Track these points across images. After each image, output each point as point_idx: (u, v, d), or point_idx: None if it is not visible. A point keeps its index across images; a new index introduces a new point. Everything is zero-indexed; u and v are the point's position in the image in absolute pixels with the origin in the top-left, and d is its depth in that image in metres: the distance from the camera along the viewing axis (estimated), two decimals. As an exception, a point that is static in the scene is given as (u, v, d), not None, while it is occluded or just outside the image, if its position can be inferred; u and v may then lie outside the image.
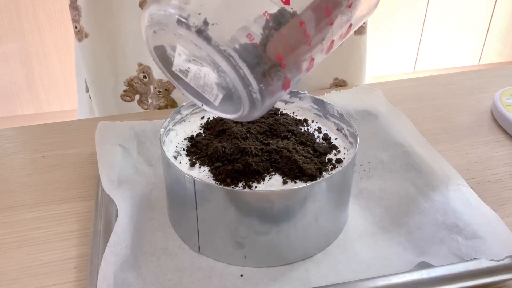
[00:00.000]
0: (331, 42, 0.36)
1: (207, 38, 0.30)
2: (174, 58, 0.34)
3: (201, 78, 0.34)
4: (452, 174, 0.49)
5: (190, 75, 0.35)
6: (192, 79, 0.35)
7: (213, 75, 0.33)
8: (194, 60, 0.33)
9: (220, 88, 0.33)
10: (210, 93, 0.35)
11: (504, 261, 0.40)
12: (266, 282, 0.41)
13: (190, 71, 0.34)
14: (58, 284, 0.41)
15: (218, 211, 0.40)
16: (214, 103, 0.35)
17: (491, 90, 0.70)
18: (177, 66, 0.35)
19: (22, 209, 0.49)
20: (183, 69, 0.34)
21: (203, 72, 0.33)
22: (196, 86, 0.35)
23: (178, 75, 0.36)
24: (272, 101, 0.34)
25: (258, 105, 0.33)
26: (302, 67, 0.34)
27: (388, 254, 0.43)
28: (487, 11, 2.37)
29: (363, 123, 0.58)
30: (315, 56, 0.35)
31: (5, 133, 0.62)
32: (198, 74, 0.34)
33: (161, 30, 0.32)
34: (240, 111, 0.34)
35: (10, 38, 1.91)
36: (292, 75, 0.34)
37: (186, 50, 0.32)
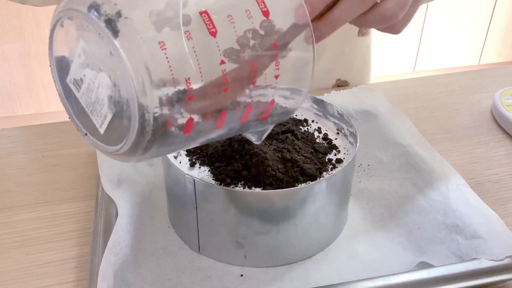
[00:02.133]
0: (248, 106, 0.32)
1: (115, 31, 0.26)
2: (72, 64, 0.30)
3: (94, 90, 0.30)
4: (452, 174, 0.49)
5: (83, 88, 0.30)
6: (84, 93, 0.30)
7: (108, 84, 0.28)
8: (93, 63, 0.29)
9: (111, 104, 0.29)
10: (98, 113, 0.30)
11: (504, 261, 0.40)
12: (266, 282, 0.41)
13: (84, 81, 0.30)
14: (58, 284, 0.41)
15: (218, 211, 0.40)
16: (99, 130, 0.31)
17: (491, 90, 0.70)
18: (72, 75, 0.31)
19: (22, 209, 0.49)
20: (77, 79, 0.30)
21: (98, 81, 0.29)
22: (86, 104, 0.31)
23: (71, 89, 0.31)
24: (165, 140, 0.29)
25: (147, 132, 0.28)
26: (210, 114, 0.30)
27: (388, 254, 0.43)
28: (487, 11, 2.37)
29: (363, 123, 0.58)
30: (227, 111, 0.31)
31: (5, 133, 0.62)
32: (92, 85, 0.30)
33: (69, 21, 0.29)
34: (124, 140, 0.29)
35: (10, 38, 1.90)
36: (196, 117, 0.30)
37: (88, 47, 0.29)
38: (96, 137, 0.32)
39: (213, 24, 0.29)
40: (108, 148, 0.31)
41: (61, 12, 0.29)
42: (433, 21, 2.31)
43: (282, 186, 0.40)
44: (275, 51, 0.32)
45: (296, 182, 0.41)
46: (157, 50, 0.27)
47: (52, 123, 0.63)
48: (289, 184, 0.40)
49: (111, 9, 0.27)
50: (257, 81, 0.31)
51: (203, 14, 0.29)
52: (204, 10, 0.29)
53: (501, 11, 2.39)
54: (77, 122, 0.33)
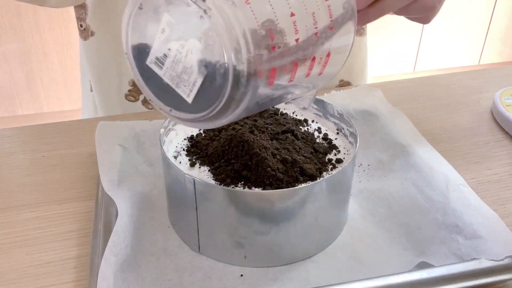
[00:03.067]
0: (313, 59, 0.35)
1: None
2: (154, 43, 0.33)
3: (181, 60, 0.32)
4: (452, 174, 0.49)
5: (167, 63, 0.33)
6: (169, 68, 0.33)
7: (198, 48, 0.31)
8: (179, 34, 0.31)
9: (201, 68, 0.31)
10: (186, 83, 0.32)
11: (504, 261, 0.40)
12: (266, 282, 0.41)
13: (169, 55, 0.32)
14: (58, 284, 0.41)
15: (218, 211, 0.40)
16: (187, 100, 0.33)
17: (491, 90, 0.70)
18: (154, 54, 0.33)
19: (22, 209, 0.49)
20: (160, 56, 0.33)
21: (186, 50, 0.31)
22: (170, 78, 0.33)
23: (150, 72, 0.34)
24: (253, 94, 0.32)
25: (242, 84, 0.30)
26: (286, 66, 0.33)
27: (388, 254, 0.43)
28: (487, 11, 2.38)
29: (363, 123, 0.58)
30: (298, 61, 0.34)
31: (5, 133, 0.62)
32: (179, 56, 0.32)
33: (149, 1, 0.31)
34: (219, 99, 0.31)
35: (10, 38, 1.91)
36: (278, 65, 0.32)
37: (173, 19, 0.31)
38: (181, 110, 0.34)
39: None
40: (197, 115, 0.33)
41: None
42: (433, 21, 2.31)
43: (282, 186, 0.40)
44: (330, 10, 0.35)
45: (296, 182, 0.41)
46: (243, 5, 0.29)
47: (52, 123, 0.63)
48: (289, 184, 0.40)
49: None
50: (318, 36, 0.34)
51: None
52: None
53: (501, 11, 2.39)
54: (158, 102, 0.35)
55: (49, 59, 1.98)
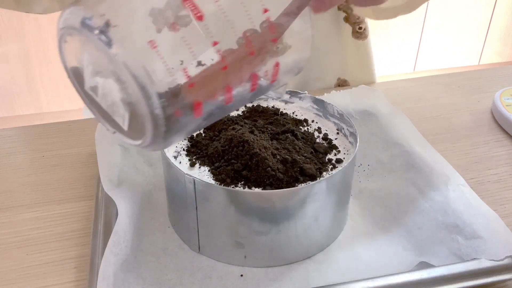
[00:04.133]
0: (253, 75, 0.33)
1: (107, 41, 0.28)
2: (84, 73, 0.32)
3: (108, 95, 0.31)
4: (452, 174, 0.49)
5: (99, 93, 0.32)
6: (101, 98, 0.32)
7: (116, 88, 0.30)
8: (100, 71, 0.30)
9: (125, 105, 0.30)
10: (118, 114, 0.32)
11: (504, 261, 0.40)
12: (266, 282, 0.41)
13: (98, 87, 0.31)
14: (58, 284, 0.41)
15: (218, 211, 0.40)
16: (123, 128, 0.32)
17: (491, 90, 0.70)
18: (87, 83, 0.32)
19: (22, 209, 0.49)
20: (92, 86, 0.32)
21: (109, 87, 0.31)
22: (106, 106, 0.32)
23: (91, 95, 0.33)
24: (182, 126, 0.31)
25: (161, 125, 0.30)
26: (216, 94, 0.31)
27: (388, 254, 0.43)
28: (487, 11, 2.37)
29: (363, 123, 0.58)
30: (232, 85, 0.32)
31: (5, 133, 0.62)
32: (105, 90, 0.31)
33: (70, 37, 0.30)
34: (145, 135, 0.31)
35: (10, 38, 1.90)
36: (204, 99, 0.31)
37: (92, 58, 0.30)
38: (123, 134, 0.33)
39: (198, 9, 0.30)
40: (135, 142, 0.33)
41: (61, 30, 0.30)
42: (433, 21, 2.31)
43: (282, 186, 0.40)
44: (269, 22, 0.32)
45: (296, 182, 0.41)
46: (149, 49, 0.28)
47: (52, 123, 0.63)
48: (289, 184, 0.40)
49: (100, 20, 0.28)
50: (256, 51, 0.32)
51: (186, 1, 0.29)
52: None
53: (501, 11, 2.39)
54: (104, 123, 0.34)
55: (49, 59, 1.98)
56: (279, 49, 0.34)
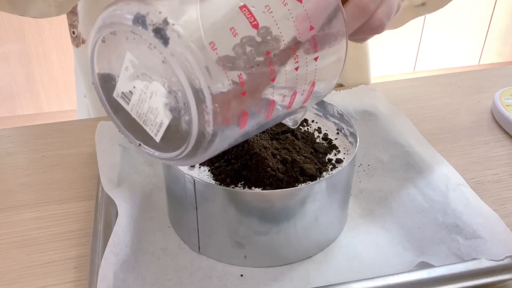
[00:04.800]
0: (294, 92, 0.33)
1: (165, 39, 0.27)
2: (119, 78, 0.30)
3: (146, 100, 0.30)
4: (452, 174, 0.49)
5: (134, 99, 0.30)
6: (135, 105, 0.31)
7: (162, 92, 0.29)
8: (143, 74, 0.29)
9: (166, 112, 0.29)
10: (152, 123, 0.30)
11: (504, 261, 0.40)
12: (266, 282, 0.41)
13: (134, 92, 0.30)
14: (58, 284, 0.41)
15: (218, 211, 0.40)
16: (155, 139, 0.31)
17: (491, 90, 0.70)
18: (120, 89, 0.31)
19: (22, 209, 0.49)
20: (126, 92, 0.31)
21: (150, 91, 0.29)
22: (137, 115, 0.31)
23: (119, 103, 0.32)
24: (224, 137, 0.30)
25: (208, 133, 0.28)
26: (262, 106, 0.31)
27: (388, 254, 0.43)
28: (487, 11, 2.38)
29: (363, 123, 0.58)
30: (276, 99, 0.32)
31: (5, 133, 0.62)
32: (144, 95, 0.30)
33: (112, 36, 0.29)
34: (185, 144, 0.30)
35: (10, 38, 1.91)
36: (251, 110, 0.30)
37: (137, 60, 0.29)
38: (150, 146, 0.32)
39: (254, 17, 0.29)
40: (167, 155, 0.31)
41: (103, 27, 0.29)
42: (433, 21, 2.31)
43: (282, 186, 0.40)
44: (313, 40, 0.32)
45: (296, 182, 0.41)
46: (209, 51, 0.27)
47: (52, 123, 0.63)
48: (289, 184, 0.40)
49: (157, 18, 0.27)
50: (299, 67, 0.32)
51: (243, 8, 0.29)
52: (243, 4, 0.29)
53: (501, 11, 2.39)
54: (128, 134, 0.33)
55: (49, 59, 1.98)
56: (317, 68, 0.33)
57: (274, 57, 0.30)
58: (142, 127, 0.31)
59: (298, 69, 0.32)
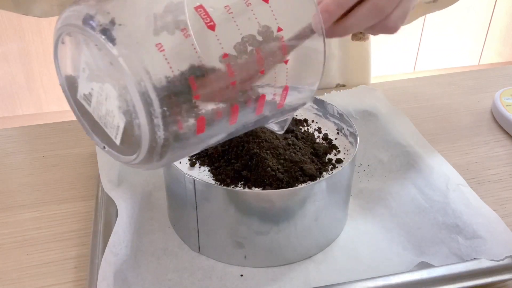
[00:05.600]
0: (261, 96, 0.31)
1: (111, 39, 0.26)
2: (79, 79, 0.30)
3: (103, 103, 0.29)
4: (452, 174, 0.49)
5: (93, 102, 0.30)
6: (95, 107, 0.30)
7: (114, 94, 0.28)
8: (97, 76, 0.28)
9: (121, 114, 0.28)
10: (111, 125, 0.30)
11: (504, 261, 0.40)
12: (266, 282, 0.41)
13: (92, 94, 0.29)
14: (58, 284, 0.41)
15: (218, 211, 0.40)
16: (115, 141, 0.30)
17: (491, 90, 0.70)
18: (81, 91, 0.30)
19: (22, 209, 0.49)
20: (86, 94, 0.30)
21: (105, 93, 0.28)
22: (98, 117, 0.30)
23: (83, 105, 0.31)
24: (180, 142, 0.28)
25: (159, 137, 0.27)
26: (221, 111, 0.29)
27: (388, 254, 0.43)
28: (487, 11, 2.37)
29: (363, 123, 0.58)
30: (238, 104, 0.30)
31: (5, 133, 0.62)
32: (100, 98, 0.29)
33: (69, 38, 0.29)
34: (140, 149, 0.28)
35: (10, 38, 1.90)
36: (208, 115, 0.28)
37: (90, 61, 0.28)
38: (114, 149, 0.31)
39: (210, 18, 0.28)
40: (126, 158, 0.30)
41: (60, 29, 0.29)
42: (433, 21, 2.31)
43: (282, 186, 0.40)
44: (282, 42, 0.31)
45: (296, 182, 0.41)
46: (155, 52, 0.26)
47: (52, 123, 0.63)
48: (289, 184, 0.40)
49: (104, 18, 0.26)
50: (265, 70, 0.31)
51: (199, 8, 0.28)
52: (199, 5, 0.28)
53: (501, 11, 2.38)
54: (94, 137, 0.32)
55: (49, 59, 1.98)
56: (288, 71, 0.32)
57: (233, 59, 0.29)
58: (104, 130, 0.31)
59: (263, 72, 0.31)
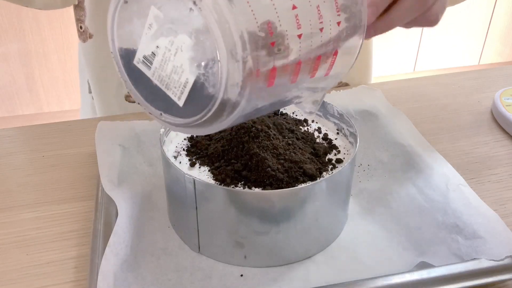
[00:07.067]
0: (318, 57, 0.32)
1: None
2: (140, 41, 0.30)
3: (170, 59, 0.29)
4: (452, 174, 0.49)
5: (156, 62, 0.30)
6: (157, 68, 0.30)
7: (189, 44, 0.28)
8: (167, 30, 0.28)
9: (192, 67, 0.28)
10: (176, 83, 0.29)
11: (504, 261, 0.40)
12: (266, 282, 0.41)
13: (157, 53, 0.29)
14: (58, 284, 0.41)
15: (218, 211, 0.40)
16: (177, 103, 0.30)
17: (491, 90, 0.70)
18: (141, 53, 0.30)
19: (22, 209, 0.49)
20: (148, 55, 0.30)
21: (176, 46, 0.28)
22: (159, 79, 0.30)
23: (138, 73, 0.31)
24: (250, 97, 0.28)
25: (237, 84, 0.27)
26: (288, 65, 0.30)
27: (388, 254, 0.43)
28: (487, 11, 2.37)
29: (363, 123, 0.58)
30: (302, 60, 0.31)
31: (5, 133, 0.62)
32: (168, 54, 0.29)
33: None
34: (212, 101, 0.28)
35: (10, 38, 1.91)
36: (279, 65, 0.29)
37: (161, 13, 0.28)
38: (173, 113, 0.31)
39: None
40: (189, 120, 0.30)
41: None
42: (433, 21, 2.31)
43: (282, 186, 0.40)
44: None
45: (296, 182, 0.41)
46: None
47: (52, 123, 0.63)
48: (289, 184, 0.40)
49: None
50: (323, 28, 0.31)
51: None
52: None
53: (501, 11, 2.39)
54: (148, 105, 0.32)
55: (49, 59, 1.98)
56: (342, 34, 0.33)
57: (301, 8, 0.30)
58: (163, 94, 0.31)
59: (322, 30, 0.31)
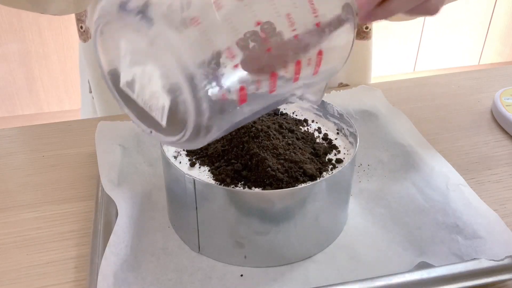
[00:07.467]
0: (296, 62, 0.32)
1: (148, 20, 0.27)
2: (121, 67, 0.31)
3: (146, 86, 0.30)
4: (452, 174, 0.49)
5: (137, 87, 0.31)
6: (139, 92, 0.31)
7: (157, 74, 0.29)
8: (138, 59, 0.29)
9: (165, 94, 0.29)
10: (156, 107, 0.31)
11: (504, 261, 0.40)
12: (266, 282, 0.41)
13: (135, 80, 0.30)
14: (58, 284, 0.41)
15: (218, 211, 0.40)
16: (161, 124, 0.31)
17: (491, 90, 0.70)
18: (124, 78, 0.31)
19: (22, 209, 0.49)
20: (129, 80, 0.31)
21: (147, 75, 0.29)
22: (143, 102, 0.31)
23: (127, 94, 0.32)
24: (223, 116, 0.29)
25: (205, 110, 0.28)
26: (260, 79, 0.30)
27: (388, 254, 0.43)
28: (487, 11, 2.37)
29: (363, 123, 0.58)
30: (278, 71, 0.31)
31: (5, 133, 0.62)
32: (143, 81, 0.30)
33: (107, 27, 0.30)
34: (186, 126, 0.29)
35: (10, 38, 1.91)
36: (248, 84, 0.29)
37: (130, 46, 0.29)
38: (161, 132, 0.32)
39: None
40: (173, 138, 0.31)
41: (97, 20, 0.30)
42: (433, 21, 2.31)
43: (282, 186, 0.40)
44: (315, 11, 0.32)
45: (296, 182, 0.41)
46: (192, 27, 0.27)
47: (52, 123, 0.63)
48: (289, 184, 0.40)
49: (138, 1, 0.27)
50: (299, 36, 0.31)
51: None
52: None
53: (501, 11, 2.39)
54: (140, 123, 0.33)
55: (49, 59, 1.98)
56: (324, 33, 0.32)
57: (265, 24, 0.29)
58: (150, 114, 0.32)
59: (296, 36, 0.31)
